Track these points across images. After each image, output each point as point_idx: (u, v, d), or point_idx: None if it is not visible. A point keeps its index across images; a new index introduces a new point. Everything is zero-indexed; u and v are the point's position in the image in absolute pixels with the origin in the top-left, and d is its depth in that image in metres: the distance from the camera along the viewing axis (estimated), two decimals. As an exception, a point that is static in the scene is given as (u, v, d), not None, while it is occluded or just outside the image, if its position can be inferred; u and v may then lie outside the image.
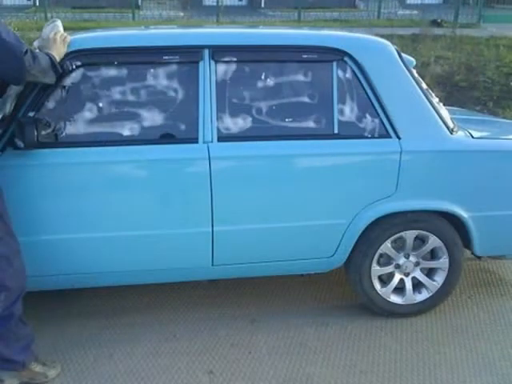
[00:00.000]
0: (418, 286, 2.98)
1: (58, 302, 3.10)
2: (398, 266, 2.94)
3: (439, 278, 2.96)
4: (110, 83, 2.55)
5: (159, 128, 2.60)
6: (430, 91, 2.95)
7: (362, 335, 2.87)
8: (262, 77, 2.67)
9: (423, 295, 2.98)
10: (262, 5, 19.45)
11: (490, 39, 10.71)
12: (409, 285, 2.96)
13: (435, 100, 2.91)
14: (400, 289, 2.97)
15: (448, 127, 2.81)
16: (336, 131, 2.70)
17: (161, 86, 2.58)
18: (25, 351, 2.40)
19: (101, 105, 2.54)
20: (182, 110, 2.61)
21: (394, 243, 2.89)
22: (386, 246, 2.86)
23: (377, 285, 2.92)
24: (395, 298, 2.97)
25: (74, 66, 2.50)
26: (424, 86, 2.88)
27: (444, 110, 2.93)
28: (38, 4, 16.56)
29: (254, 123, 2.65)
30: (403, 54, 2.88)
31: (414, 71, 2.88)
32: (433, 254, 2.96)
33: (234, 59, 2.63)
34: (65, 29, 2.55)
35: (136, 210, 2.58)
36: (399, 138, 2.73)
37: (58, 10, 14.45)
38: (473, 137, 2.91)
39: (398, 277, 2.96)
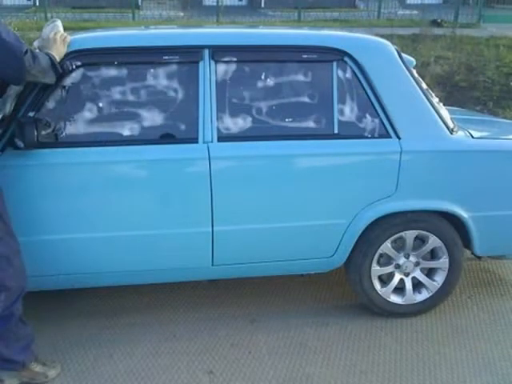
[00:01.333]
0: (417, 286, 2.98)
1: (58, 302, 3.10)
2: (398, 266, 2.94)
3: (439, 278, 2.96)
4: (109, 83, 2.55)
5: (159, 128, 2.60)
6: (430, 91, 2.95)
7: (362, 335, 2.87)
8: (262, 77, 2.67)
9: (423, 295, 2.98)
10: (262, 5, 19.45)
11: (490, 39, 10.70)
12: (409, 285, 2.96)
13: (435, 100, 2.91)
14: (400, 289, 2.97)
15: (448, 127, 2.81)
16: (336, 131, 2.70)
17: (161, 86, 2.58)
18: (25, 351, 2.40)
19: (101, 105, 2.54)
20: (182, 110, 2.61)
21: (394, 243, 2.89)
22: (386, 246, 2.86)
23: (377, 285, 2.92)
24: (395, 298, 2.97)
25: (73, 66, 2.50)
26: (424, 85, 2.88)
27: (444, 110, 2.93)
28: (38, 4, 16.57)
29: (254, 123, 2.65)
30: (403, 54, 2.88)
31: (414, 71, 2.88)
32: (433, 254, 2.96)
33: (234, 59, 2.63)
34: (65, 29, 2.55)
35: (136, 210, 2.58)
36: (399, 137, 2.73)
37: (58, 10, 14.46)
38: (473, 137, 2.91)
39: (397, 277, 2.96)
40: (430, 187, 2.79)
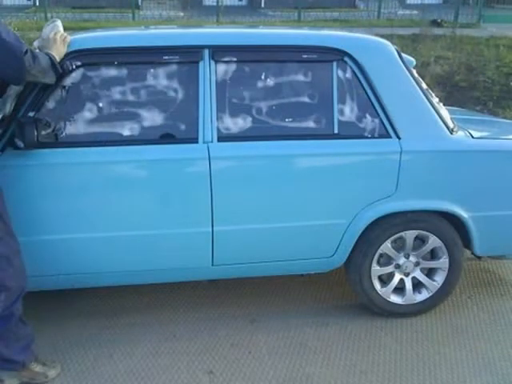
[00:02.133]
0: (417, 286, 2.98)
1: (58, 302, 3.10)
2: (398, 266, 2.94)
3: (439, 278, 2.96)
4: (109, 83, 2.55)
5: (159, 128, 2.60)
6: (430, 91, 2.95)
7: (362, 335, 2.87)
8: (262, 77, 2.67)
9: (423, 295, 2.98)
10: (262, 5, 19.45)
11: (490, 39, 10.71)
12: (409, 285, 2.96)
13: (435, 100, 2.91)
14: (400, 289, 2.97)
15: (448, 127, 2.81)
16: (336, 131, 2.70)
17: (161, 86, 2.58)
18: (25, 351, 2.40)
19: (101, 105, 2.54)
20: (182, 110, 2.61)
21: (394, 243, 2.89)
22: (386, 246, 2.86)
23: (377, 285, 2.92)
24: (395, 298, 2.97)
25: (73, 66, 2.50)
26: (424, 85, 2.88)
27: (444, 110, 2.93)
28: (38, 4, 16.57)
29: (253, 123, 2.65)
30: (403, 54, 2.88)
31: (414, 71, 2.88)
32: (433, 254, 2.96)
33: (234, 59, 2.63)
34: (65, 29, 2.55)
35: (136, 210, 2.58)
36: (399, 137, 2.73)
37: (58, 10, 14.46)
38: (473, 137, 2.91)
39: (397, 277, 2.96)
40: (429, 187, 2.79)
